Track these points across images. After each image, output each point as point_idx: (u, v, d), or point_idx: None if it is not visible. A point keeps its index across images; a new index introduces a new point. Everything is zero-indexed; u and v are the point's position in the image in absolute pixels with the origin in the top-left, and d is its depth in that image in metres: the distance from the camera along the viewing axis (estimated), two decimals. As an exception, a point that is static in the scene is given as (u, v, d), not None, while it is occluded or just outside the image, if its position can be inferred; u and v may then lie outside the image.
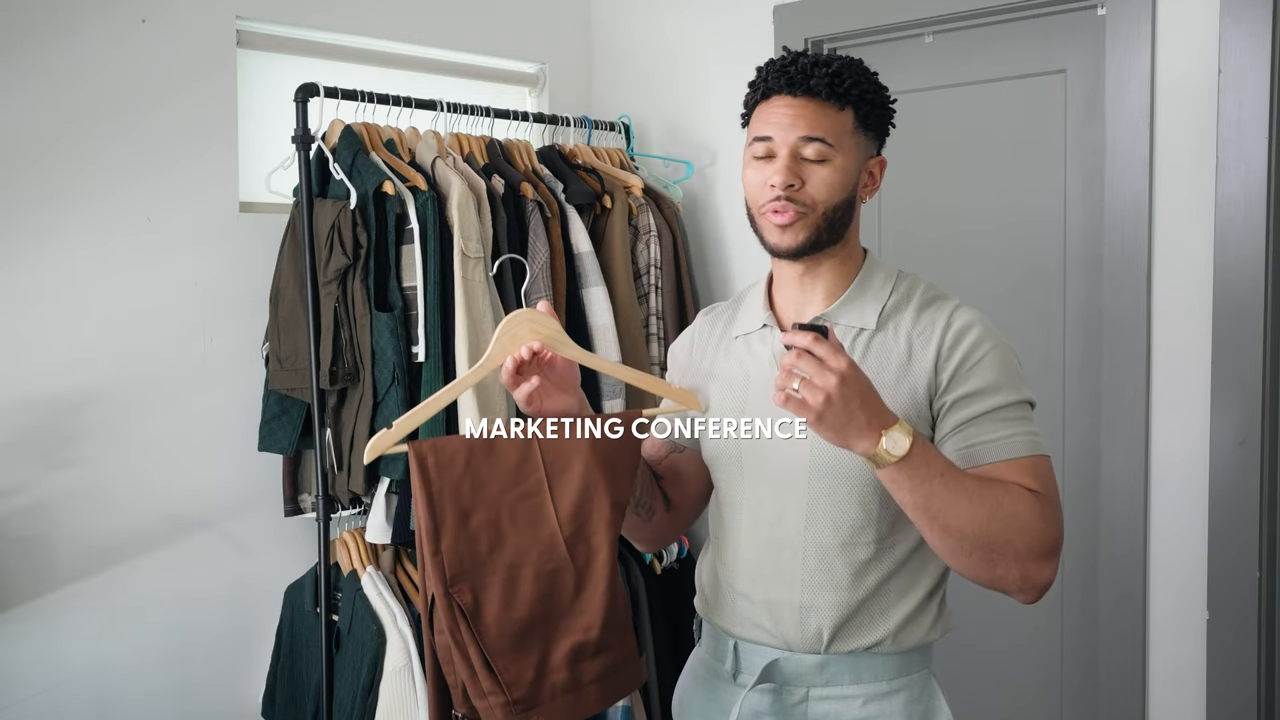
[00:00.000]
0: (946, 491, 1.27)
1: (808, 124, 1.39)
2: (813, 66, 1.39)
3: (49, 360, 2.08)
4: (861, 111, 1.42)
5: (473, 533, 1.37)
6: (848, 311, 1.44)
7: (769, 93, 1.42)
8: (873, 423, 1.24)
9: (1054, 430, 2.33)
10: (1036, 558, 1.31)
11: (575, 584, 1.37)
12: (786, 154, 1.39)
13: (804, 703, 1.43)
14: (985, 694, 2.45)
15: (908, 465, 1.25)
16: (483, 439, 1.40)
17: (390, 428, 1.41)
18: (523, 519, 1.38)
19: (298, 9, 2.40)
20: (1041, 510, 1.32)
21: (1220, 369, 2.04)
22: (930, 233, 2.51)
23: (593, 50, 2.99)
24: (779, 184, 1.38)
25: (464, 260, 2.15)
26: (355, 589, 2.21)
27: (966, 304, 1.44)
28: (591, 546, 1.38)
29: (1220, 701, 2.07)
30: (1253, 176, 1.98)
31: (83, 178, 2.11)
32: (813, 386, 1.22)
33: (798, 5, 2.57)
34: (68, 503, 2.09)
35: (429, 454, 1.39)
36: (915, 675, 1.44)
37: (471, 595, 1.35)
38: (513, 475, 1.39)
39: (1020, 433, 1.36)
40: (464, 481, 1.38)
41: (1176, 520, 2.12)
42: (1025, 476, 1.34)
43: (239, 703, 2.35)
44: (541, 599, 1.36)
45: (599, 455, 1.39)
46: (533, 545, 1.37)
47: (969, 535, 1.28)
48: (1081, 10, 2.24)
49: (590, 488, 1.39)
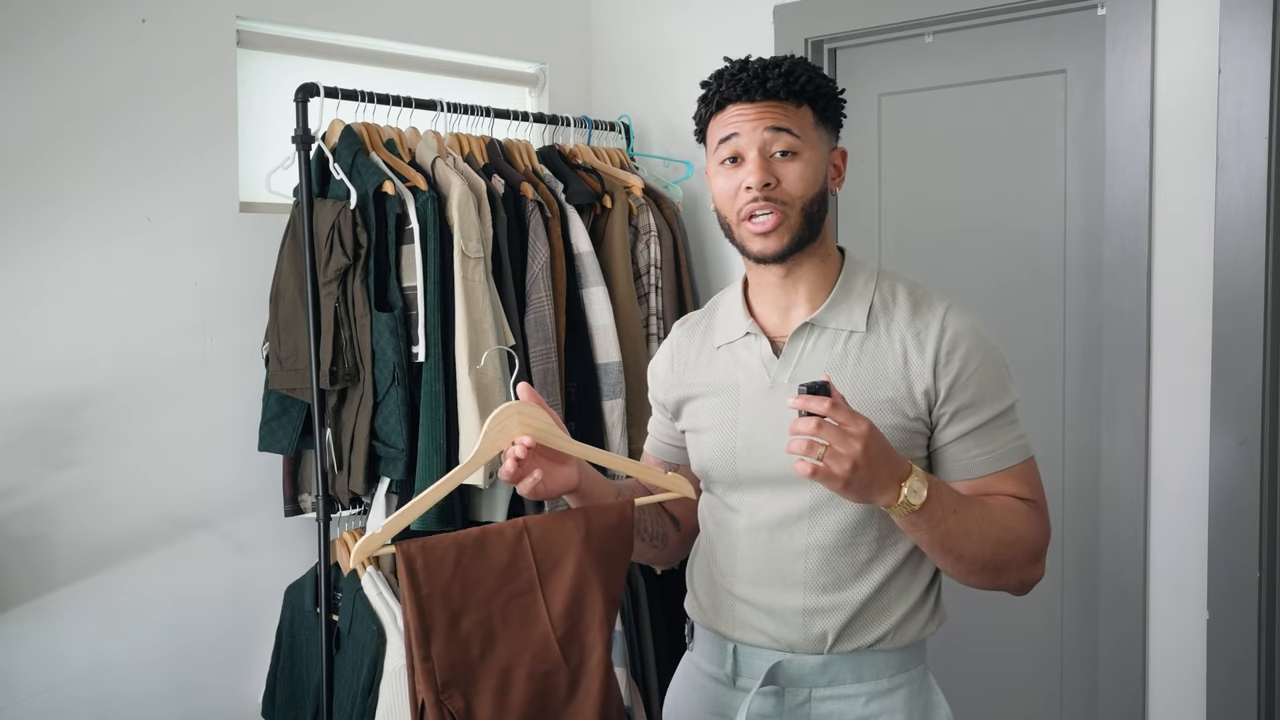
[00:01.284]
0: (960, 527, 1.32)
1: (773, 118, 1.39)
2: (764, 69, 1.40)
3: (49, 360, 2.08)
4: (819, 106, 1.43)
5: (464, 636, 1.33)
6: (835, 315, 1.44)
7: (724, 103, 1.42)
8: (894, 476, 1.27)
9: (1054, 430, 2.33)
10: (1032, 562, 1.40)
11: (569, 685, 1.33)
12: (756, 154, 1.39)
13: (807, 703, 1.43)
14: (985, 694, 2.45)
15: (925, 510, 1.29)
16: (472, 537, 1.35)
17: (380, 530, 1.35)
18: (515, 619, 1.34)
19: (298, 9, 2.40)
20: (1036, 520, 1.40)
21: (1220, 369, 2.04)
22: (930, 233, 2.51)
23: (593, 50, 2.99)
24: (755, 183, 1.38)
25: (464, 260, 2.15)
26: (355, 589, 2.21)
27: (956, 306, 1.45)
28: (585, 645, 1.34)
29: (1220, 701, 2.07)
30: (1253, 176, 1.98)
31: (83, 178, 2.11)
32: (838, 455, 1.22)
33: (798, 5, 2.57)
34: (68, 503, 2.09)
35: (417, 555, 1.33)
36: (914, 671, 1.45)
37: (464, 701, 1.32)
38: (503, 574, 1.34)
39: (1010, 440, 1.41)
40: (454, 583, 1.33)
41: (1176, 520, 2.12)
42: (1018, 485, 1.41)
43: (239, 703, 2.35)
44: (534, 701, 1.33)
45: (591, 549, 1.36)
46: (525, 647, 1.34)
47: (980, 559, 1.35)
48: (1081, 10, 2.24)
49: (583, 584, 1.35)
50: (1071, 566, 2.33)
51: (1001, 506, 1.38)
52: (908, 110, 2.54)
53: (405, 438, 2.13)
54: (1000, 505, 1.38)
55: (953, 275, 2.47)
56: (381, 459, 2.17)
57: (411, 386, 2.16)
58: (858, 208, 2.60)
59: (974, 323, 1.42)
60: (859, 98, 2.60)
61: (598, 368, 2.42)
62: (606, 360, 2.41)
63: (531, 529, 1.36)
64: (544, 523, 1.37)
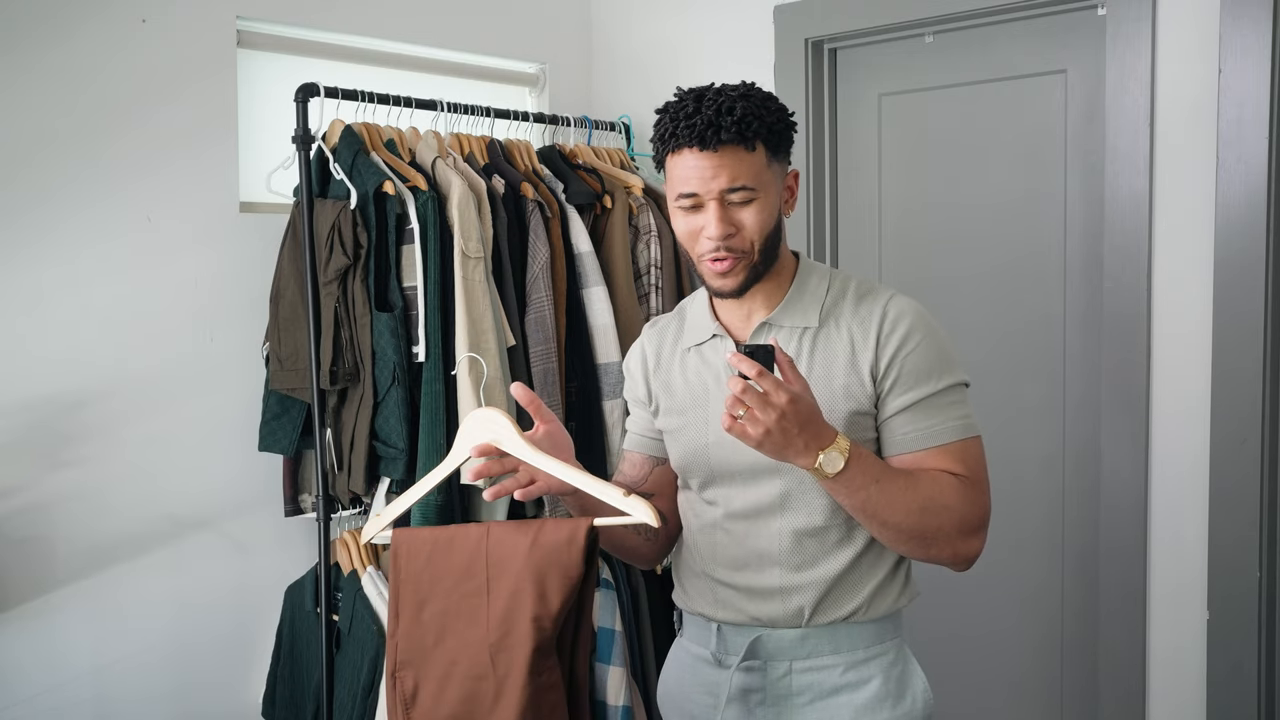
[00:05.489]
0: (881, 495, 1.40)
1: (729, 175, 1.42)
2: (717, 116, 1.40)
3: (49, 360, 2.08)
4: (771, 144, 1.45)
5: (425, 624, 1.40)
6: (790, 314, 1.51)
7: (678, 146, 1.43)
8: (810, 445, 1.35)
9: (1054, 430, 2.33)
10: (965, 535, 1.45)
11: (494, 694, 1.35)
12: (715, 206, 1.43)
13: (788, 675, 1.51)
14: (985, 694, 2.45)
15: (844, 478, 1.38)
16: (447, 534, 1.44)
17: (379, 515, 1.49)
18: (464, 618, 1.39)
19: (298, 9, 2.40)
20: (965, 494, 1.44)
21: (1220, 369, 2.04)
22: (930, 233, 2.51)
23: (593, 50, 2.99)
24: (715, 235, 1.43)
25: (464, 260, 2.15)
26: (355, 589, 2.21)
27: (899, 294, 1.52)
28: (511, 659, 1.35)
29: (1220, 701, 2.07)
30: (1253, 176, 1.98)
31: (83, 178, 2.11)
32: (755, 419, 1.32)
33: (798, 5, 2.57)
34: (67, 503, 2.09)
35: (403, 543, 1.45)
36: (889, 643, 1.53)
37: (413, 683, 1.40)
38: (463, 573, 1.40)
39: (949, 419, 1.46)
40: (424, 573, 1.42)
41: (1176, 520, 2.12)
42: (951, 462, 1.45)
43: (239, 703, 2.35)
44: (465, 702, 1.36)
45: (531, 563, 1.37)
46: (466, 646, 1.38)
47: (905, 528, 1.42)
48: (1081, 10, 2.24)
49: (517, 595, 1.36)
50: (1072, 566, 2.33)
51: (929, 478, 1.44)
52: (908, 110, 2.54)
53: (405, 438, 2.13)
54: (928, 477, 1.44)
55: (953, 275, 2.47)
56: (382, 459, 2.17)
57: (412, 386, 2.16)
58: (858, 208, 2.61)
59: (916, 306, 1.50)
60: (859, 98, 2.60)
61: (598, 368, 2.42)
62: (607, 360, 2.42)
63: (492, 533, 1.41)
64: (503, 529, 1.42)
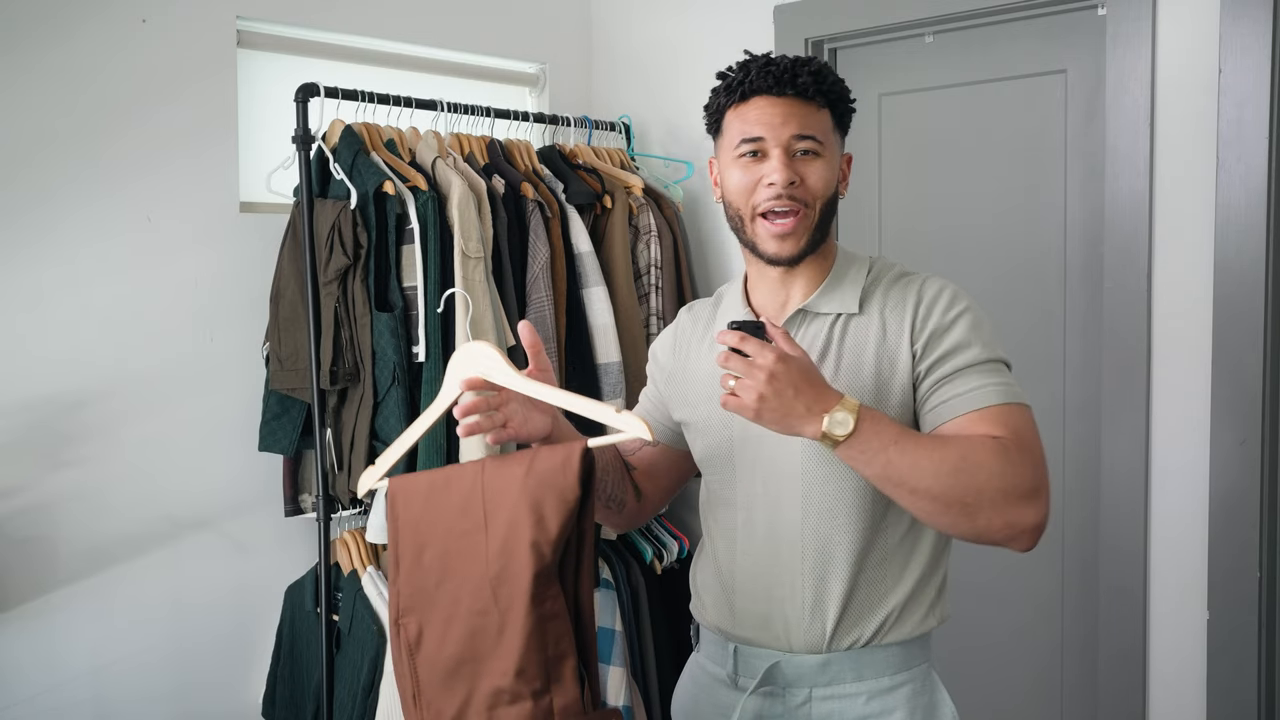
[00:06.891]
0: (904, 457, 1.27)
1: (799, 123, 1.40)
2: (795, 65, 1.41)
3: (49, 360, 2.08)
4: (838, 111, 1.45)
5: (425, 567, 1.39)
6: (828, 300, 1.46)
7: (749, 94, 1.42)
8: (813, 408, 1.26)
9: (1054, 430, 2.33)
10: (1015, 501, 1.29)
11: (498, 627, 1.34)
12: (781, 152, 1.40)
13: (807, 704, 1.43)
14: (985, 694, 2.45)
15: (859, 441, 1.27)
16: (443, 475, 1.43)
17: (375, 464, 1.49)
18: (464, 557, 1.38)
19: (298, 9, 2.40)
20: (1007, 454, 1.30)
21: (1220, 369, 2.04)
22: (930, 232, 2.51)
23: (593, 50, 2.99)
24: (780, 181, 1.39)
25: (464, 260, 2.15)
26: (355, 589, 2.21)
27: (935, 274, 1.48)
28: (512, 590, 1.34)
29: (1220, 701, 2.07)
30: (1253, 176, 1.98)
31: (83, 178, 2.11)
32: (745, 386, 1.26)
33: (798, 5, 2.57)
34: (68, 503, 2.09)
35: (399, 489, 1.44)
36: (916, 669, 1.44)
37: (417, 628, 1.39)
38: (458, 512, 1.39)
39: (989, 384, 1.36)
40: (422, 517, 1.41)
41: (1176, 520, 2.12)
42: (991, 426, 1.33)
43: (239, 703, 2.35)
44: (469, 639, 1.36)
45: (527, 491, 1.36)
46: (467, 584, 1.37)
47: (939, 493, 1.27)
48: (1081, 10, 2.24)
49: (514, 525, 1.35)
50: (1072, 566, 2.33)
51: (963, 438, 1.31)
52: (908, 110, 2.54)
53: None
54: (961, 437, 1.31)
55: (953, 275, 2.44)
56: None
57: (412, 387, 2.16)
58: (858, 208, 2.60)
59: (953, 284, 1.45)
60: (859, 98, 2.59)
61: (598, 368, 2.42)
62: (607, 360, 2.42)
63: (487, 468, 1.39)
64: (498, 463, 1.39)
